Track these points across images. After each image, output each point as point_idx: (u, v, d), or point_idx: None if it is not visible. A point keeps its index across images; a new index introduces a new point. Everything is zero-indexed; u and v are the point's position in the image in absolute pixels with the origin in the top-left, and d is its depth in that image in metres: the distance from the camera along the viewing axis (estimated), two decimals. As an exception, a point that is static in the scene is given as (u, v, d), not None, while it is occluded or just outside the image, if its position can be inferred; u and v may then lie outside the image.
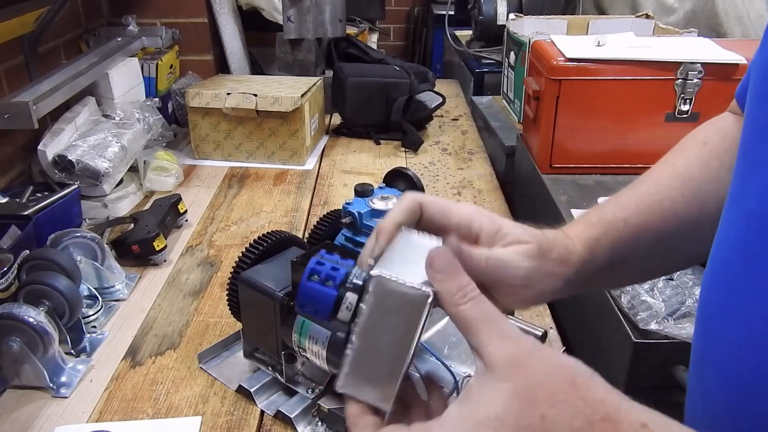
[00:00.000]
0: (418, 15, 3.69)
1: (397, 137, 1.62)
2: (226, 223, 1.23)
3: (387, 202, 0.82)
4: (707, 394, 0.46)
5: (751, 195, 0.42)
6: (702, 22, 1.93)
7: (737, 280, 0.42)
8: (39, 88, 1.16)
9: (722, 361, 0.43)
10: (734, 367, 0.42)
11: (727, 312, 0.43)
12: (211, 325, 0.92)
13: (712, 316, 0.45)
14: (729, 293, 0.43)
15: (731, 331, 0.42)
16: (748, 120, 0.45)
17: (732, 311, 0.42)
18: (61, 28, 1.45)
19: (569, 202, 1.19)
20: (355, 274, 0.49)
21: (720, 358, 0.44)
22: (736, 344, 0.42)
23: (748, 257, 0.41)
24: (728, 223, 0.45)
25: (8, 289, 0.81)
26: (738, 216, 0.44)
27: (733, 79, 1.20)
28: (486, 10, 2.12)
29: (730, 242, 0.44)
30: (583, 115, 1.26)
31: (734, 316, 0.42)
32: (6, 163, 1.24)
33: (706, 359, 0.46)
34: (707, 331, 0.46)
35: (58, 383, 0.79)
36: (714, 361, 0.44)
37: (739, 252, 0.43)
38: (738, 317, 0.42)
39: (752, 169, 0.43)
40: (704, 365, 0.46)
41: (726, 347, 0.43)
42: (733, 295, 0.42)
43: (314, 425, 0.72)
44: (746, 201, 0.43)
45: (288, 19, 1.70)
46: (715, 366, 0.44)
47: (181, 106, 1.60)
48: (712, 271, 0.47)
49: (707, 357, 0.46)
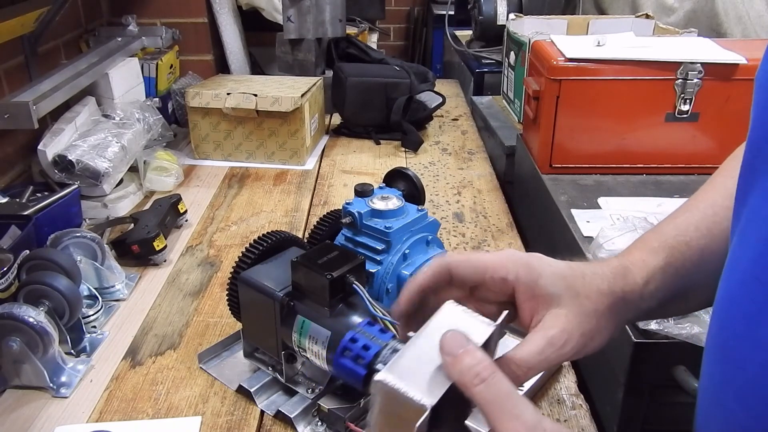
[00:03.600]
0: (418, 15, 3.69)
1: (397, 137, 1.62)
2: (226, 223, 1.23)
3: (387, 202, 0.82)
4: (727, 422, 0.43)
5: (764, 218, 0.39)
6: (702, 22, 1.93)
7: (759, 309, 0.39)
8: (39, 88, 1.16)
9: (745, 392, 0.41)
10: (756, 396, 0.40)
11: (748, 341, 0.40)
12: (211, 325, 0.92)
13: (732, 345, 0.42)
14: (751, 323, 0.40)
15: (753, 362, 0.40)
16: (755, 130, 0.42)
17: (754, 341, 0.40)
18: (61, 28, 1.45)
19: (569, 202, 1.19)
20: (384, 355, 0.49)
21: (740, 386, 0.41)
22: (759, 374, 0.39)
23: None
24: (743, 245, 0.42)
25: (8, 289, 0.81)
26: (752, 237, 0.41)
27: (733, 79, 1.21)
28: (486, 10, 2.12)
29: (745, 265, 0.41)
30: (583, 115, 1.26)
31: (755, 346, 0.39)
32: (6, 163, 1.25)
33: (724, 387, 0.43)
34: (726, 361, 0.43)
35: (58, 383, 0.79)
36: (735, 391, 0.42)
37: (755, 276, 0.40)
38: (760, 347, 0.39)
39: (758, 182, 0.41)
40: (723, 394, 0.43)
41: (746, 376, 0.40)
42: (755, 325, 0.40)
43: (314, 425, 0.72)
44: (761, 222, 0.40)
45: (288, 19, 1.70)
46: (736, 396, 0.42)
47: (181, 106, 1.60)
48: (728, 296, 0.43)
49: (727, 386, 0.43)
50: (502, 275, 0.47)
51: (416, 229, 0.81)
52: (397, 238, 0.79)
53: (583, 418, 0.75)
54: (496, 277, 0.47)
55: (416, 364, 0.42)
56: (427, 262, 0.80)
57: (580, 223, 1.11)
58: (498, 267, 0.47)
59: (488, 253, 0.49)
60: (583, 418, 0.75)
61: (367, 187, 0.85)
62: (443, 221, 1.22)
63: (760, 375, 0.39)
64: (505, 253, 0.49)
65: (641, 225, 0.95)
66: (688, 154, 1.29)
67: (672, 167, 1.30)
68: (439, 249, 0.83)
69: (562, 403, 0.77)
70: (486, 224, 1.21)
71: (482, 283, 0.48)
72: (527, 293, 0.47)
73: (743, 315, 0.41)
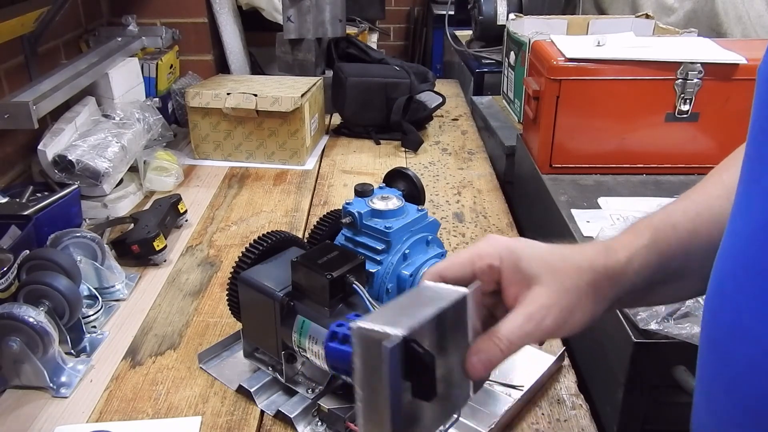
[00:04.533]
0: (418, 15, 3.69)
1: (397, 137, 1.62)
2: (226, 223, 1.23)
3: (387, 202, 0.82)
4: (715, 414, 0.43)
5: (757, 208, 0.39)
6: (702, 22, 1.93)
7: (747, 300, 0.39)
8: (39, 88, 1.16)
9: (731, 384, 0.41)
10: (744, 390, 0.40)
11: (736, 334, 0.40)
12: (211, 325, 0.92)
13: (720, 337, 0.43)
14: (738, 314, 0.40)
15: (741, 354, 0.40)
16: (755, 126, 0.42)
17: (742, 333, 0.40)
18: (61, 28, 1.45)
19: (569, 202, 1.19)
20: None
21: (729, 380, 0.41)
22: (747, 368, 0.39)
23: (760, 278, 0.38)
24: (734, 234, 0.42)
25: (8, 289, 0.81)
26: (742, 227, 0.41)
27: (733, 79, 1.21)
28: (486, 10, 2.12)
29: (735, 256, 0.41)
30: (583, 115, 1.26)
31: (744, 338, 0.40)
32: (6, 163, 1.25)
33: (714, 381, 0.44)
34: (716, 353, 0.43)
35: (58, 383, 0.79)
36: (723, 384, 0.42)
37: (745, 267, 0.40)
38: (748, 340, 0.39)
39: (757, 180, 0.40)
40: (712, 386, 0.44)
41: (736, 370, 0.40)
42: (743, 317, 0.40)
43: (314, 425, 0.72)
44: (751, 213, 0.40)
45: (288, 19, 1.70)
46: (724, 389, 0.42)
47: (181, 106, 1.60)
48: (718, 287, 0.43)
49: (715, 379, 0.43)
50: (488, 262, 0.48)
51: (416, 229, 0.81)
52: (397, 238, 0.79)
53: (583, 418, 0.75)
54: (483, 265, 0.48)
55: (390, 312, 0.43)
56: (427, 262, 0.80)
57: (580, 223, 1.11)
58: (483, 255, 0.49)
59: (470, 246, 0.50)
60: (583, 418, 0.75)
61: (367, 187, 0.85)
62: (443, 221, 1.22)
63: (747, 368, 0.39)
64: (486, 240, 0.50)
65: (641, 225, 0.95)
66: (688, 154, 1.29)
67: (672, 167, 1.30)
68: (439, 249, 0.83)
69: (562, 403, 0.77)
70: (486, 224, 1.21)
71: (474, 276, 0.48)
72: (510, 276, 0.48)
73: (731, 307, 0.41)
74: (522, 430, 0.73)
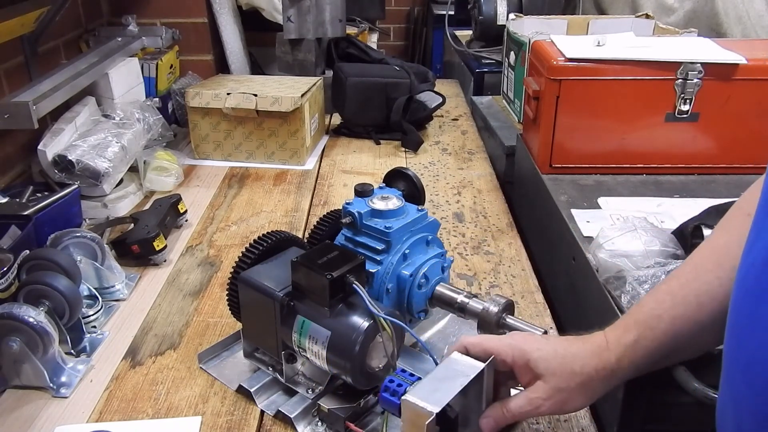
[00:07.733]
0: (418, 15, 3.69)
1: (397, 137, 1.62)
2: (226, 223, 1.23)
3: (387, 202, 0.82)
4: (734, 398, 0.47)
5: None
6: (702, 22, 1.93)
7: (765, 290, 0.44)
8: (39, 88, 1.16)
9: (747, 367, 0.45)
10: (758, 372, 0.43)
11: (752, 319, 0.44)
12: (211, 325, 0.92)
13: (739, 323, 0.47)
14: (756, 302, 0.44)
15: (755, 337, 0.44)
16: None
17: (757, 318, 0.44)
18: (61, 28, 1.45)
19: (569, 202, 1.19)
20: None
21: (745, 363, 0.45)
22: (759, 350, 0.43)
23: None
24: (758, 229, 0.46)
25: (8, 289, 0.81)
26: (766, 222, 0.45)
27: (733, 79, 1.20)
28: (486, 10, 2.12)
29: (758, 249, 0.45)
30: (583, 115, 1.26)
31: (759, 323, 0.43)
32: (6, 163, 1.25)
33: (733, 364, 0.47)
34: (735, 338, 0.47)
35: (58, 383, 0.79)
36: (740, 366, 0.46)
37: (764, 261, 0.44)
38: (762, 324, 0.43)
39: None
40: (731, 370, 0.48)
41: (751, 353, 0.44)
42: (760, 304, 0.44)
43: (314, 425, 0.72)
44: None
45: (288, 19, 1.70)
46: (741, 371, 0.46)
47: (181, 106, 1.60)
48: (742, 278, 0.48)
49: (734, 362, 0.47)
50: (503, 358, 0.64)
51: (416, 229, 0.81)
52: (397, 238, 0.79)
53: (583, 418, 0.75)
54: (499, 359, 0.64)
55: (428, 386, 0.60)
56: (427, 262, 0.80)
57: (580, 223, 1.11)
58: (501, 353, 0.64)
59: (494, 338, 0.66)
60: (583, 418, 0.75)
61: (367, 187, 0.85)
62: (443, 221, 1.22)
63: (760, 352, 0.43)
64: (507, 339, 0.65)
65: (641, 225, 0.95)
66: (688, 154, 1.29)
67: (672, 167, 1.30)
68: (439, 249, 0.83)
69: (562, 403, 0.77)
70: (486, 224, 1.21)
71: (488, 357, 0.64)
72: (521, 370, 0.64)
73: (751, 296, 0.45)
74: (522, 429, 0.73)
